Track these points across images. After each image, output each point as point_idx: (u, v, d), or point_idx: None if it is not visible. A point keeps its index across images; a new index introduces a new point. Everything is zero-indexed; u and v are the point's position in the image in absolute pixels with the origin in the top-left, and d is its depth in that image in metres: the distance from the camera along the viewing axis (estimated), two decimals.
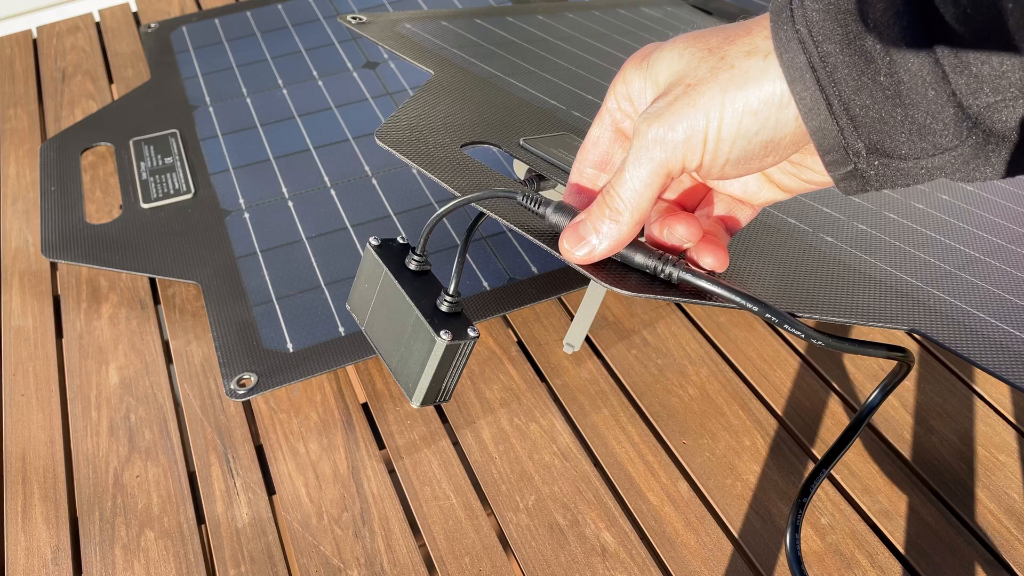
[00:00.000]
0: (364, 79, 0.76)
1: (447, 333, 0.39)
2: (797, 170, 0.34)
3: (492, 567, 0.45)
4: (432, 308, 0.41)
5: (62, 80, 0.82)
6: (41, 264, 0.64)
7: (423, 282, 0.42)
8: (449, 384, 0.41)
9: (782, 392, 0.51)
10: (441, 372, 0.40)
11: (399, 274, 0.42)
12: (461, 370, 0.41)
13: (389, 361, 0.43)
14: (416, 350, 0.40)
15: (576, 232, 0.34)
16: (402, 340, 0.41)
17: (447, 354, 0.40)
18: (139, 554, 0.46)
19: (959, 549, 0.44)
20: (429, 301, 0.41)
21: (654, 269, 0.35)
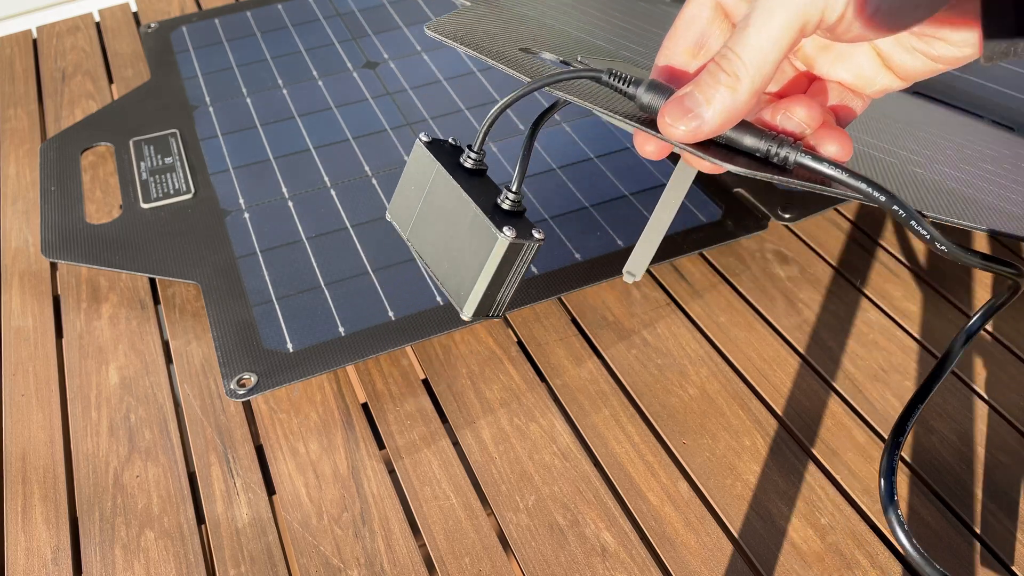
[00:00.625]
0: (364, 79, 0.77)
1: (511, 230, 0.35)
2: (927, 45, 0.30)
3: (492, 567, 0.45)
4: (492, 206, 0.37)
5: (62, 80, 0.82)
6: (41, 264, 0.64)
7: (479, 182, 0.38)
8: (505, 295, 0.37)
9: (782, 392, 0.51)
10: (499, 277, 0.36)
11: (454, 170, 0.38)
12: (519, 280, 0.37)
13: (437, 270, 0.39)
14: (472, 251, 0.37)
15: (681, 104, 0.29)
16: (455, 243, 0.37)
17: (509, 254, 0.36)
18: (139, 554, 0.46)
19: (959, 549, 0.44)
20: (488, 199, 0.37)
21: (766, 152, 0.30)
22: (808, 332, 0.54)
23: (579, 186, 0.63)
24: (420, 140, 0.39)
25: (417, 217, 0.40)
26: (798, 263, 0.59)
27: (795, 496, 0.46)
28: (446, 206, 0.38)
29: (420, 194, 0.40)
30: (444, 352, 0.55)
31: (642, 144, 0.33)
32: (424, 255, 0.39)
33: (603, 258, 0.57)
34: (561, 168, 0.65)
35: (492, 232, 0.35)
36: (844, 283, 0.57)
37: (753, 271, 0.58)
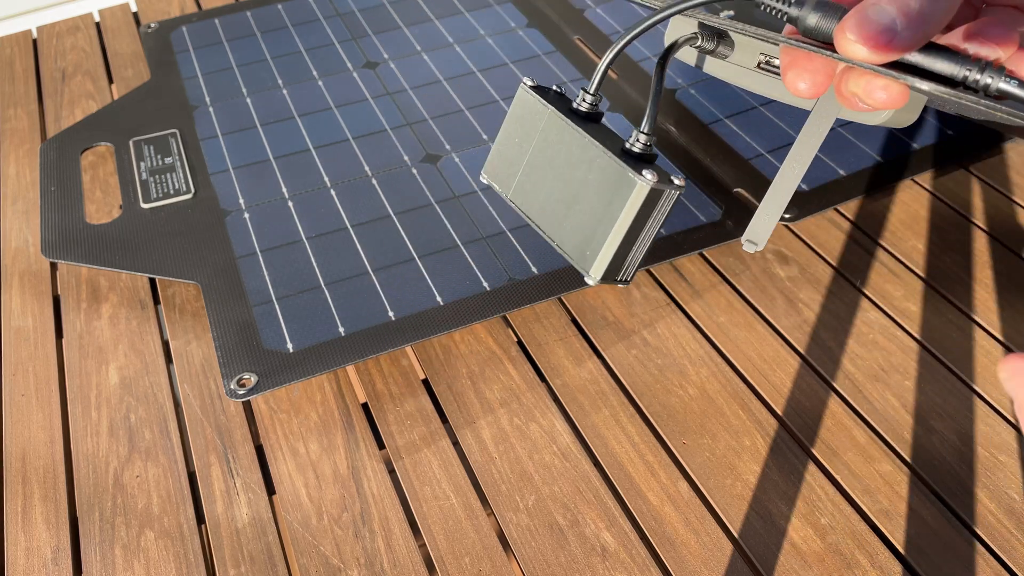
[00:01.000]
0: (364, 79, 0.77)
1: (651, 173, 0.30)
2: None
3: (492, 567, 0.45)
4: (620, 150, 0.32)
5: (62, 80, 0.82)
6: (41, 264, 0.64)
7: (598, 127, 0.33)
8: (636, 255, 0.33)
9: (782, 392, 0.51)
10: (634, 230, 0.32)
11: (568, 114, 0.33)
12: (652, 236, 0.32)
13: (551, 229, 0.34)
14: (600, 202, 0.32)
15: (864, 16, 0.24)
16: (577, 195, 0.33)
17: (648, 202, 0.31)
18: (139, 554, 0.46)
19: (959, 549, 0.44)
20: (614, 143, 0.32)
21: (964, 79, 0.26)
22: (808, 332, 0.54)
23: None
24: (524, 85, 0.35)
25: (524, 171, 0.35)
26: (798, 263, 0.59)
27: (795, 496, 0.46)
28: (562, 154, 0.33)
29: (527, 145, 0.35)
30: (444, 352, 0.55)
31: (795, 80, 0.28)
32: (533, 214, 0.34)
33: None
34: None
35: (628, 177, 0.30)
36: (844, 283, 0.57)
37: (753, 271, 0.59)
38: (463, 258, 0.59)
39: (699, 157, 0.65)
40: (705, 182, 0.63)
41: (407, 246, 0.60)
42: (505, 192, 0.36)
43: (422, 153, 0.68)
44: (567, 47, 0.78)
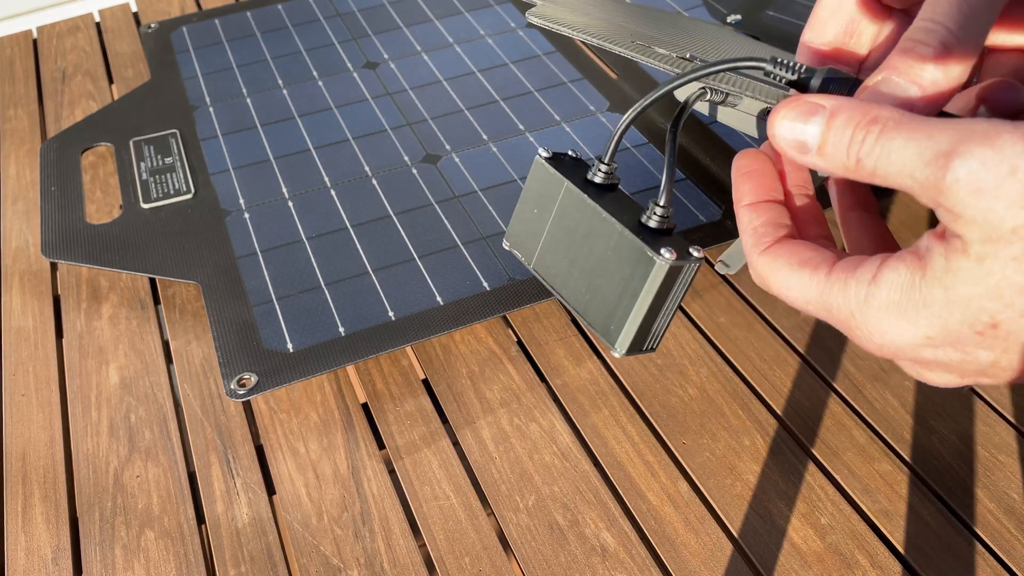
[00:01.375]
0: (364, 79, 0.77)
1: (669, 251, 0.30)
2: None
3: (492, 567, 0.45)
4: (636, 224, 0.32)
5: (62, 80, 0.82)
6: (41, 264, 0.64)
7: (614, 198, 0.33)
8: (661, 325, 0.32)
9: (782, 392, 0.51)
10: (656, 305, 0.31)
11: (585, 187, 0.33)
12: (677, 306, 0.32)
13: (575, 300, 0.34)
14: (621, 279, 0.32)
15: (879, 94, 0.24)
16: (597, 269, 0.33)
17: (668, 279, 0.31)
18: (139, 554, 0.47)
19: (959, 549, 0.44)
20: (631, 217, 0.32)
21: None
22: (808, 332, 0.54)
23: None
24: (540, 156, 0.35)
25: (544, 242, 0.35)
26: None
27: (795, 496, 0.46)
28: (581, 228, 0.33)
29: (546, 216, 0.35)
30: (444, 352, 0.55)
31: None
32: (557, 284, 0.35)
33: None
34: None
35: (647, 255, 0.30)
36: None
37: None
38: (463, 258, 0.59)
39: (699, 157, 0.65)
40: (705, 182, 0.63)
41: (407, 246, 0.60)
42: (528, 261, 0.36)
43: (422, 153, 0.68)
44: (567, 47, 0.78)
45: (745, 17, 0.77)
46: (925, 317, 0.23)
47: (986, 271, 0.21)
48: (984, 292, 0.21)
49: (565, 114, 0.70)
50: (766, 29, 0.75)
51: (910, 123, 0.22)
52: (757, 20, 0.77)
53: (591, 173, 0.34)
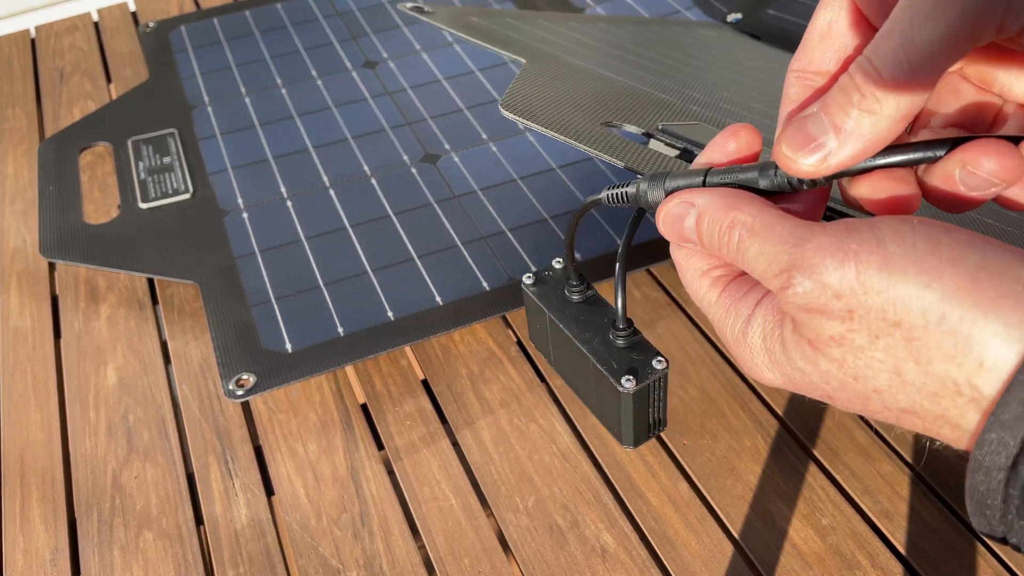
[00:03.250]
0: (363, 79, 0.76)
1: (629, 380, 0.35)
2: None
3: (492, 568, 0.44)
4: (607, 347, 0.36)
5: (60, 80, 0.82)
6: (39, 264, 0.63)
7: (592, 312, 0.37)
8: (656, 416, 0.37)
9: (782, 392, 0.51)
10: (641, 415, 0.36)
11: (563, 311, 0.37)
12: (662, 401, 0.36)
13: (586, 402, 0.39)
14: (607, 397, 0.36)
15: (803, 131, 0.24)
16: (591, 385, 0.37)
17: (638, 399, 0.35)
18: (138, 555, 0.46)
19: (960, 549, 0.44)
20: (603, 339, 0.36)
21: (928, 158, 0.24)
22: None
23: (579, 186, 0.63)
24: (524, 284, 0.39)
25: (552, 352, 0.40)
26: None
27: (796, 497, 0.46)
28: (569, 350, 0.37)
29: (546, 333, 0.39)
30: (443, 352, 0.55)
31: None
32: (571, 386, 0.40)
33: (603, 258, 0.57)
34: (561, 168, 0.65)
35: (614, 386, 0.35)
36: None
37: None
38: (463, 258, 0.58)
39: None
40: None
41: (406, 246, 0.60)
42: (549, 361, 0.41)
43: (421, 153, 0.68)
44: None
45: (745, 16, 0.77)
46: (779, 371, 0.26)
47: (817, 363, 0.25)
48: (818, 377, 0.25)
49: None
50: (767, 28, 0.75)
51: (761, 234, 0.25)
52: (758, 19, 0.77)
53: (567, 290, 0.38)
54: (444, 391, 0.53)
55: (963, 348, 0.22)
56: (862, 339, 0.23)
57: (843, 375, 0.24)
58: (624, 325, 0.35)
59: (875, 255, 0.23)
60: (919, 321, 0.22)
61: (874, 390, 0.24)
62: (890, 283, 0.22)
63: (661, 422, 0.37)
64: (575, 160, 0.65)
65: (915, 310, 0.22)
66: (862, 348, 0.23)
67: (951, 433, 0.23)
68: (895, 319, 0.22)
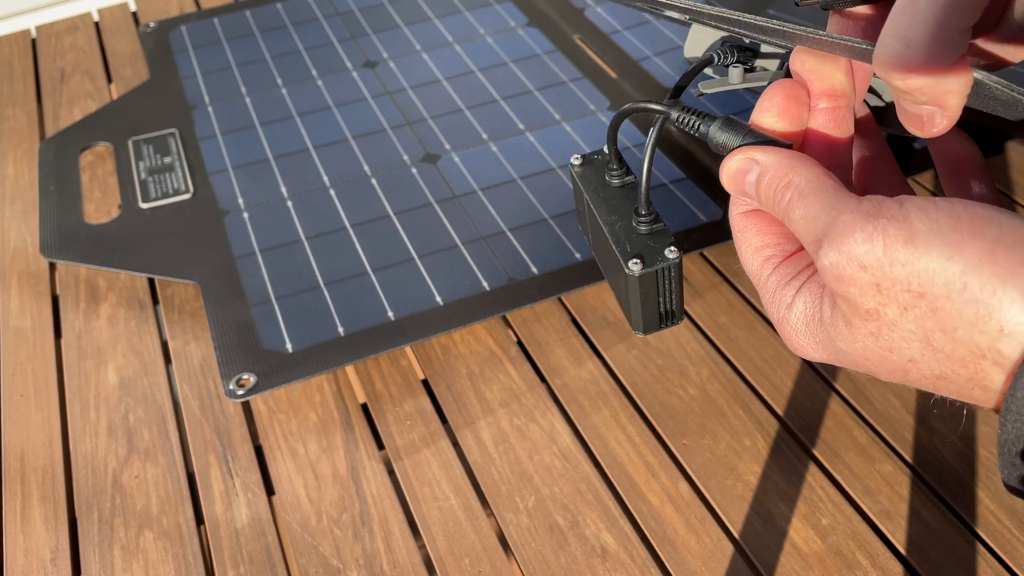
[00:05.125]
0: (363, 79, 0.76)
1: (636, 264, 0.35)
2: None
3: (492, 568, 0.44)
4: (627, 231, 0.36)
5: (61, 80, 0.82)
6: (40, 264, 0.63)
7: (625, 198, 0.37)
8: (668, 307, 0.37)
9: (783, 392, 0.51)
10: (650, 300, 0.36)
11: (599, 193, 0.38)
12: (674, 293, 0.36)
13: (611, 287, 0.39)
14: (621, 280, 0.36)
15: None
16: (612, 268, 0.37)
17: (644, 284, 0.35)
18: (138, 555, 0.46)
19: (960, 550, 0.44)
20: (626, 223, 0.36)
21: None
22: None
23: None
24: (571, 164, 0.39)
25: (589, 235, 0.40)
26: None
27: (796, 497, 0.46)
28: (598, 232, 0.38)
29: (584, 215, 0.40)
30: (444, 352, 0.55)
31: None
32: (601, 268, 0.39)
33: None
34: (561, 168, 0.65)
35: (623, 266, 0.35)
36: None
37: None
38: (463, 258, 0.58)
39: (699, 157, 0.65)
40: (705, 182, 0.63)
41: (407, 246, 0.60)
42: (588, 243, 0.40)
43: (422, 152, 0.68)
44: (567, 46, 0.78)
45: None
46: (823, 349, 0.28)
47: (854, 338, 0.26)
48: (858, 354, 0.27)
49: (565, 113, 0.70)
50: None
51: (808, 199, 0.27)
52: None
53: (608, 175, 0.38)
54: (444, 391, 0.53)
55: (984, 316, 0.23)
56: (893, 312, 0.25)
57: (880, 349, 0.26)
58: (645, 211, 0.35)
59: (902, 230, 0.24)
60: (942, 291, 0.24)
61: (909, 360, 0.25)
62: (915, 256, 0.24)
63: (673, 315, 0.37)
64: None
65: (939, 281, 0.24)
66: (894, 322, 0.25)
67: (981, 395, 0.25)
68: (920, 290, 0.24)
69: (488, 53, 0.78)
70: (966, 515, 0.45)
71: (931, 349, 0.25)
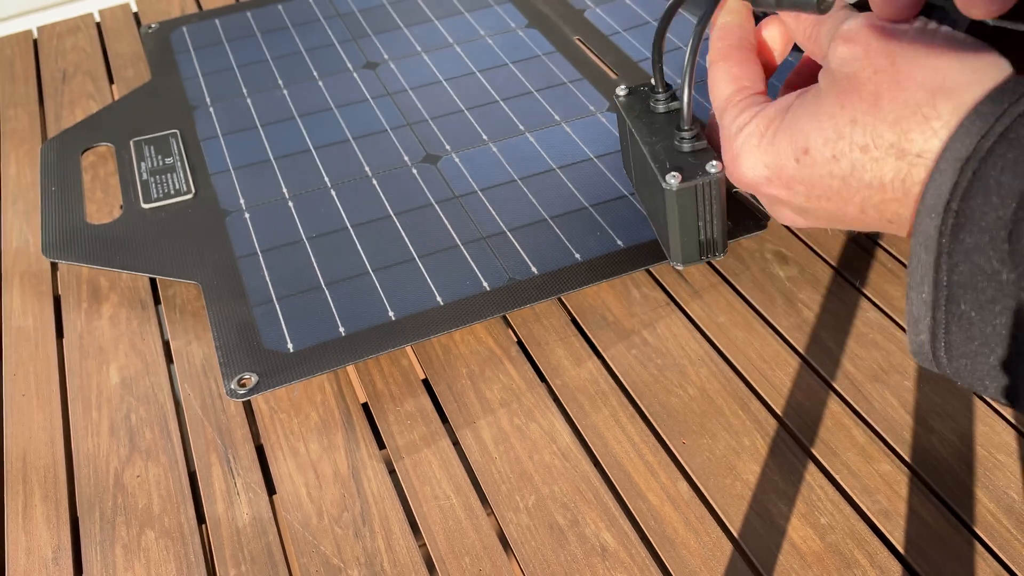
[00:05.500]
0: (364, 79, 0.77)
1: (674, 177, 0.33)
2: None
3: (492, 567, 0.45)
4: (668, 150, 0.34)
5: (62, 80, 0.82)
6: (41, 264, 0.64)
7: (669, 122, 0.36)
8: (710, 235, 0.35)
9: (782, 392, 0.51)
10: (688, 222, 0.34)
11: (641, 119, 0.36)
12: (716, 216, 0.34)
13: (653, 223, 0.37)
14: (660, 203, 0.35)
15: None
16: (653, 195, 0.36)
17: (683, 200, 0.33)
18: (139, 554, 0.47)
19: (959, 549, 0.44)
20: (667, 143, 0.35)
21: None
22: (808, 332, 0.55)
23: (579, 186, 0.63)
24: (616, 95, 0.38)
25: (633, 168, 0.39)
26: (798, 263, 0.59)
27: (795, 496, 0.46)
28: (640, 160, 0.36)
29: (628, 149, 0.39)
30: (444, 352, 0.55)
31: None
32: (645, 208, 0.39)
33: (603, 258, 0.58)
34: (561, 168, 0.65)
35: (660, 182, 0.33)
36: (844, 283, 0.57)
37: (753, 271, 0.59)
38: (463, 258, 0.59)
39: None
40: None
41: (407, 246, 0.60)
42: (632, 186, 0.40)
43: (422, 153, 0.68)
44: (567, 47, 0.78)
45: None
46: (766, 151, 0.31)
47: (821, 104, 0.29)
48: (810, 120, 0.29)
49: (565, 114, 0.70)
50: None
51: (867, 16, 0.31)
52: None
53: (653, 102, 0.37)
54: (445, 391, 0.53)
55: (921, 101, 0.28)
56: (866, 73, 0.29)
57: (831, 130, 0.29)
58: (688, 127, 0.34)
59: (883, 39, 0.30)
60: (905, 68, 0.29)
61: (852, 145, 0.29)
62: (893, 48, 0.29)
63: (716, 244, 0.35)
64: (575, 161, 0.66)
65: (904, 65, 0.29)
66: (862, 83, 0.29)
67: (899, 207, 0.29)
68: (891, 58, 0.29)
69: (488, 54, 0.78)
70: (965, 514, 0.45)
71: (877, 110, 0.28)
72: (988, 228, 0.26)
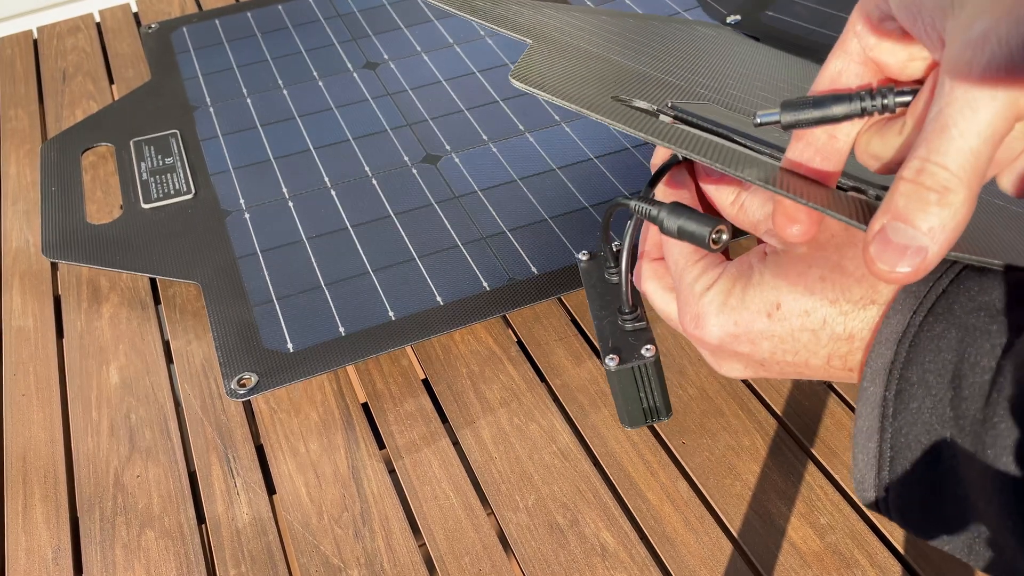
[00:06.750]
0: (364, 79, 0.77)
1: (612, 360, 0.36)
2: None
3: (492, 567, 0.45)
4: (613, 327, 0.38)
5: (63, 80, 0.82)
6: (42, 264, 0.64)
7: (619, 294, 0.39)
8: (652, 403, 0.38)
9: (781, 392, 0.51)
10: (630, 395, 0.38)
11: (596, 289, 0.40)
12: (655, 390, 0.38)
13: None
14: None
15: (889, 243, 0.25)
16: None
17: (622, 379, 0.37)
18: (139, 554, 0.47)
19: None
20: (613, 319, 0.38)
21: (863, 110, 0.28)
22: None
23: (579, 186, 0.63)
24: (578, 260, 0.42)
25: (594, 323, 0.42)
26: None
27: (794, 496, 0.46)
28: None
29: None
30: (444, 352, 0.55)
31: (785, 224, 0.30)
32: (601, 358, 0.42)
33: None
34: (561, 168, 0.65)
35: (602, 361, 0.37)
36: None
37: None
38: (463, 258, 0.59)
39: None
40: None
41: (407, 246, 0.60)
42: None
43: (422, 153, 0.68)
44: None
45: (744, 17, 0.77)
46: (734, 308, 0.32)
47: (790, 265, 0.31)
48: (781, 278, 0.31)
49: (565, 114, 0.70)
50: (765, 29, 0.75)
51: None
52: (756, 20, 0.77)
53: (607, 273, 0.40)
54: (445, 390, 0.53)
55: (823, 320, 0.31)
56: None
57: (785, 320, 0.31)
58: (628, 310, 0.37)
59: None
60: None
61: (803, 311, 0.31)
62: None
63: (658, 411, 0.38)
64: (575, 161, 0.66)
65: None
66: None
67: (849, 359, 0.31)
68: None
69: (488, 54, 0.78)
70: None
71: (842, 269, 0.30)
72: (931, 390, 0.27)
